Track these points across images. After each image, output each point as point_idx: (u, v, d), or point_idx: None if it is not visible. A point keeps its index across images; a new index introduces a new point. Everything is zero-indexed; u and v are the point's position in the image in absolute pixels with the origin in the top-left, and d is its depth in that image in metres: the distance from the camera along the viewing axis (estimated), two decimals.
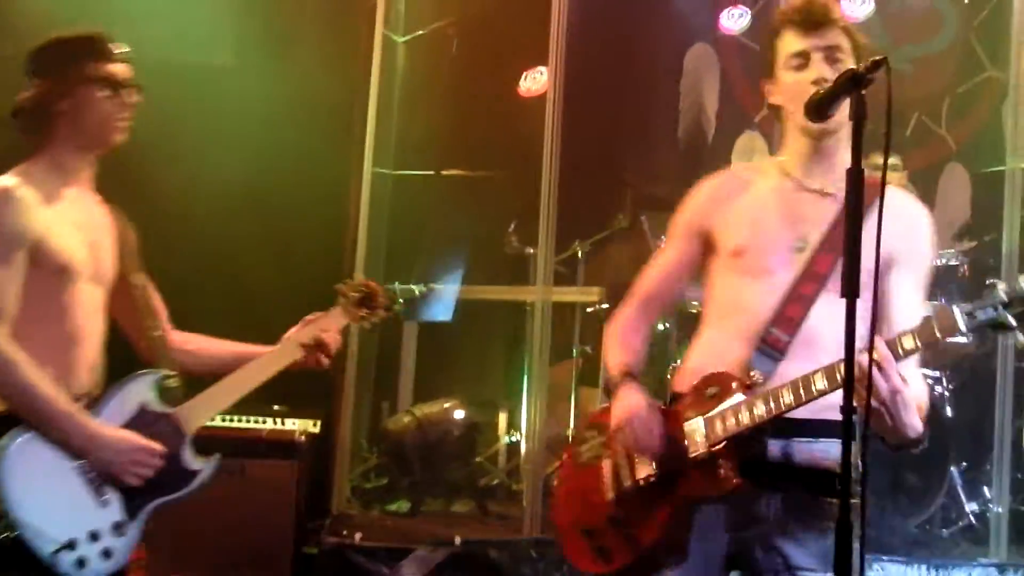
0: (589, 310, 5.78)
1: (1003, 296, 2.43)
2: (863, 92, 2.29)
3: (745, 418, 2.57)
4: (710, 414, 2.63)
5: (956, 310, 2.45)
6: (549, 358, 5.44)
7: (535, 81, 6.82)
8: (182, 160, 6.07)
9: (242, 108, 6.12)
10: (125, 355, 3.08)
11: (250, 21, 6.37)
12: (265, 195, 6.05)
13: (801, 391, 2.52)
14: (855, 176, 2.27)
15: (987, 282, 2.49)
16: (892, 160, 5.95)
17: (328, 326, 3.23)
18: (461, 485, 5.71)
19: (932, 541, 4.98)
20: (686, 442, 2.65)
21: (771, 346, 2.66)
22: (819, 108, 2.43)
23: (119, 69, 2.94)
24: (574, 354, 5.97)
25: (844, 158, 2.63)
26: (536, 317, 5.31)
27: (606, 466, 2.80)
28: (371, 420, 6.08)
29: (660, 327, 5.50)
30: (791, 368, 2.60)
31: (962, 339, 5.22)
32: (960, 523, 5.07)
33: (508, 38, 6.49)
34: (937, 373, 5.29)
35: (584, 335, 5.96)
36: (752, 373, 2.64)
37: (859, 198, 2.26)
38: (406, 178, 6.29)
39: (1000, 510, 4.81)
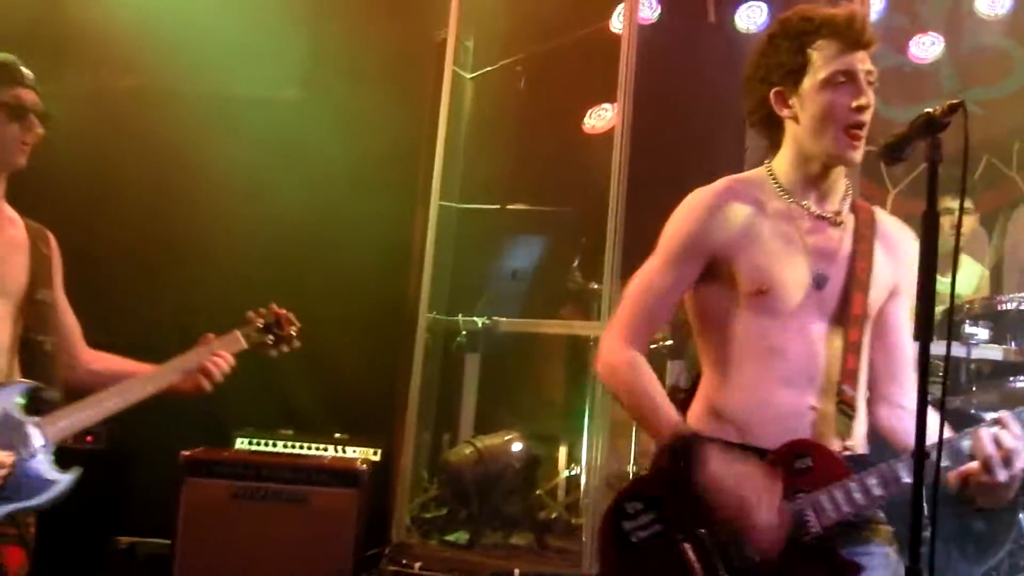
0: (653, 346, 5.76)
1: None
2: (939, 135, 2.25)
3: (861, 499, 2.43)
4: (819, 494, 2.43)
5: None
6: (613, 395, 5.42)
7: (600, 118, 6.86)
8: (250, 195, 6.18)
9: (309, 143, 6.23)
10: None
11: (320, 56, 6.50)
12: (332, 228, 6.14)
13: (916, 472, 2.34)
14: (930, 221, 2.22)
15: None
16: (966, 204, 5.96)
17: (220, 349, 3.21)
18: (520, 518, 5.71)
19: None
20: (800, 519, 2.43)
21: (847, 404, 2.55)
22: (893, 151, 2.35)
23: (27, 96, 3.03)
24: None
25: (840, 182, 2.68)
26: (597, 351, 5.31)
27: (689, 550, 2.45)
28: (431, 451, 6.10)
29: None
30: (860, 427, 2.57)
31: None
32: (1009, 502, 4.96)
33: (574, 75, 6.55)
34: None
35: None
36: (848, 443, 2.53)
37: (933, 246, 2.21)
38: (472, 212, 6.34)
39: None
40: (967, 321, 5.12)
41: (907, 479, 2.37)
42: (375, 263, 6.10)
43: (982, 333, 5.12)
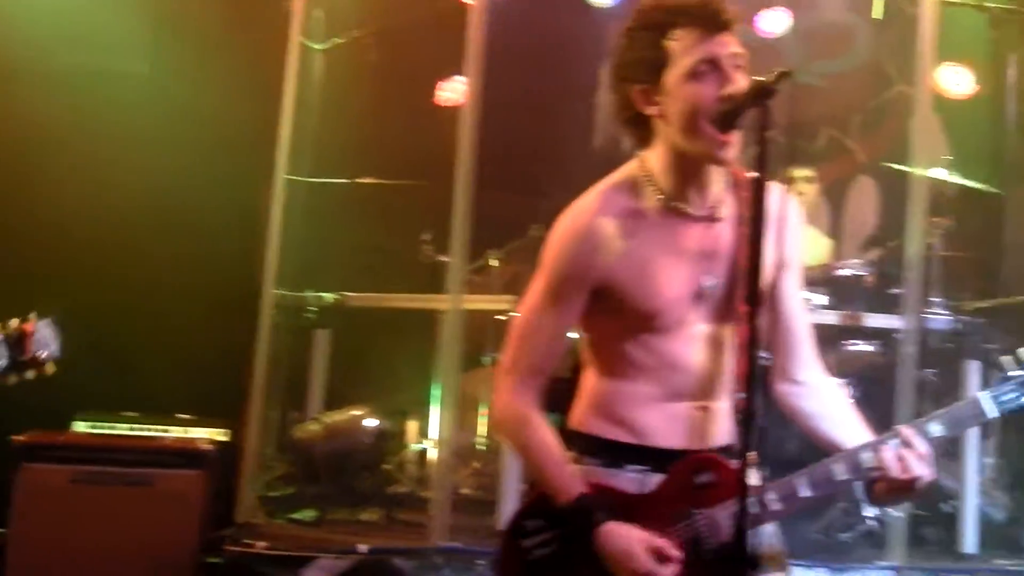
0: (501, 318, 5.77)
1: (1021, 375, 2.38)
2: (768, 104, 2.19)
3: (763, 516, 2.37)
4: (717, 510, 2.40)
5: (984, 399, 2.39)
6: (460, 367, 5.43)
7: (453, 91, 6.83)
8: (92, 166, 6.04)
9: (157, 116, 6.09)
10: None
11: (167, 27, 6.35)
12: (180, 203, 6.02)
13: (823, 483, 2.39)
14: (759, 187, 2.21)
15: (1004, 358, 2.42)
16: (806, 172, 6.11)
17: None
18: (369, 494, 5.68)
19: (833, 545, 5.03)
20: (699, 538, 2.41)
21: (740, 410, 2.40)
22: (725, 120, 2.33)
23: None
24: (485, 362, 5.96)
25: (714, 176, 2.53)
26: (448, 325, 5.31)
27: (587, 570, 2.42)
28: (280, 429, 6.02)
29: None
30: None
31: (867, 347, 5.38)
32: (859, 528, 5.13)
33: (426, 49, 6.50)
34: (841, 381, 5.36)
35: (496, 343, 5.95)
36: (749, 457, 2.37)
37: (762, 209, 2.20)
38: (322, 186, 6.26)
39: (898, 514, 4.87)
40: (806, 287, 5.25)
41: (805, 492, 2.38)
42: (224, 239, 5.99)
43: (819, 298, 5.27)
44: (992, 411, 2.37)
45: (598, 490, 2.49)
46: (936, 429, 2.37)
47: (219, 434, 5.42)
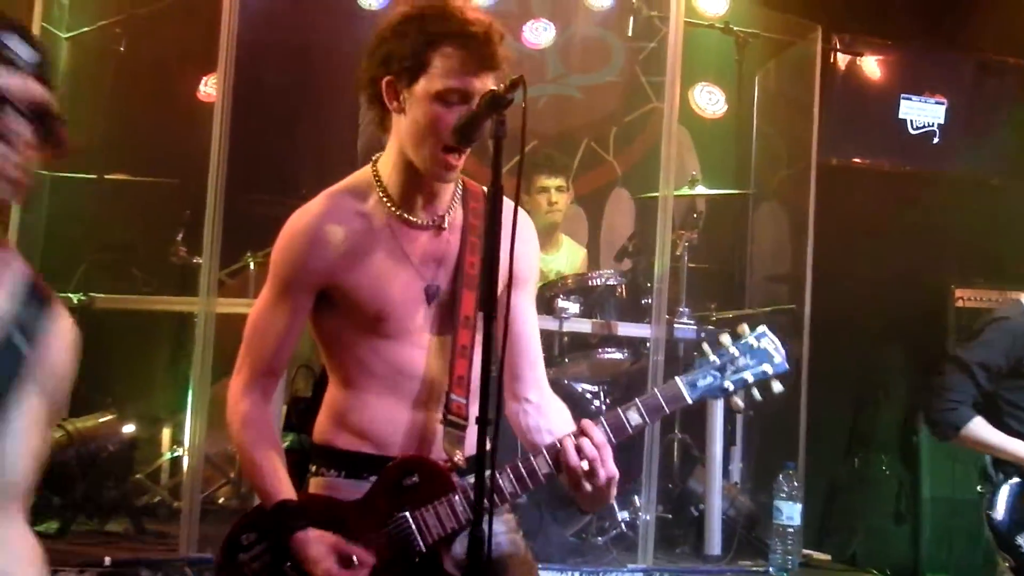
0: None
1: (716, 360, 2.49)
2: (503, 112, 2.24)
3: (464, 514, 2.42)
4: (424, 511, 2.44)
5: (680, 383, 2.48)
6: (218, 372, 5.26)
7: (214, 86, 6.62)
8: None
9: None
10: None
11: None
12: None
13: (527, 480, 2.43)
14: (494, 193, 2.26)
15: (703, 346, 2.53)
16: (558, 181, 6.24)
17: None
18: (118, 503, 5.42)
19: (587, 549, 5.15)
20: (405, 539, 2.44)
21: (455, 414, 2.52)
22: (464, 132, 2.37)
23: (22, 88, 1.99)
24: None
25: (444, 187, 2.58)
26: (200, 328, 5.13)
27: None
28: None
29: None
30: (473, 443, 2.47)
31: (618, 355, 5.53)
32: (613, 531, 5.28)
33: (180, 41, 6.28)
34: (596, 387, 5.50)
35: None
36: (457, 458, 2.49)
37: (498, 214, 2.24)
38: (67, 181, 5.94)
39: (648, 518, 5.04)
40: (560, 296, 5.37)
41: (508, 489, 2.44)
42: None
43: (573, 307, 5.38)
44: (693, 394, 2.49)
45: (317, 500, 2.51)
46: (635, 417, 2.46)
47: None
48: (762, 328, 2.57)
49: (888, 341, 6.00)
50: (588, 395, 5.45)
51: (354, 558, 2.39)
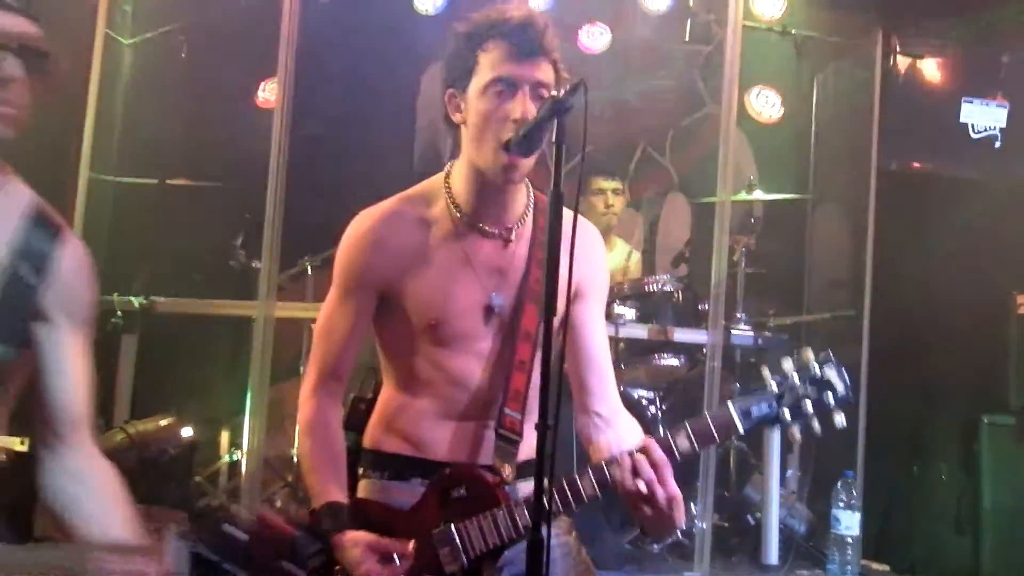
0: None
1: (774, 388, 2.35)
2: (563, 119, 2.17)
3: (508, 530, 2.37)
4: (467, 525, 2.41)
5: (733, 409, 2.34)
6: (275, 375, 5.32)
7: (272, 92, 6.68)
8: None
9: None
10: None
11: None
12: None
13: (570, 498, 2.34)
14: (556, 198, 2.19)
15: (762, 371, 2.39)
16: (614, 184, 6.23)
17: None
18: (178, 505, 5.48)
19: (643, 557, 5.13)
20: (439, 553, 2.41)
21: (509, 429, 2.49)
22: (525, 142, 2.33)
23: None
24: (300, 372, 5.85)
25: (520, 190, 2.57)
26: (258, 332, 5.19)
27: None
28: None
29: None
30: (529, 449, 2.41)
31: (675, 361, 5.50)
32: (669, 539, 5.26)
33: (240, 48, 6.35)
34: (652, 394, 5.49)
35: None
36: (506, 473, 2.46)
37: (558, 219, 2.17)
38: (130, 186, 6.04)
39: (704, 526, 5.02)
40: (616, 301, 5.36)
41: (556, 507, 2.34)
42: None
43: (629, 313, 5.37)
44: (746, 423, 2.35)
45: (366, 504, 2.52)
46: (685, 442, 2.34)
47: (15, 443, 5.13)
48: (826, 354, 2.42)
49: (948, 347, 5.91)
50: (644, 401, 5.44)
51: (394, 554, 2.39)
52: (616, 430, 2.59)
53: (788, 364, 2.39)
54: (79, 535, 2.05)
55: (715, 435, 2.34)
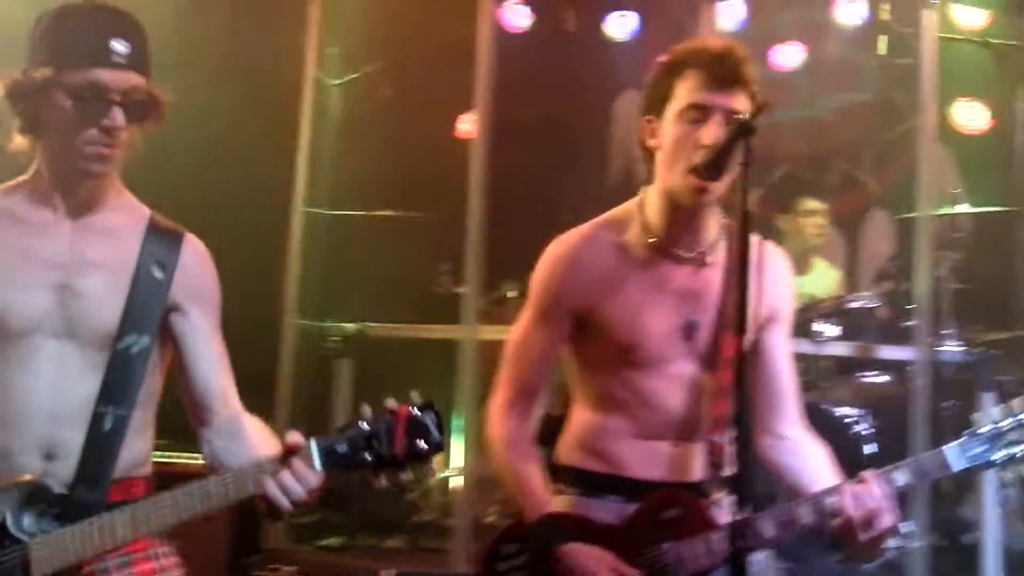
0: None
1: (986, 431, 2.36)
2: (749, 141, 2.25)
3: (720, 552, 2.37)
4: (681, 545, 2.45)
5: (951, 453, 2.35)
6: (482, 396, 5.47)
7: (471, 123, 6.91)
8: None
9: (177, 148, 6.13)
10: None
11: (189, 60, 6.41)
12: (198, 234, 6.04)
13: (785, 527, 2.37)
14: (743, 218, 2.26)
15: (972, 416, 2.40)
16: (817, 205, 6.19)
17: None
18: (394, 521, 5.73)
19: None
20: (662, 571, 2.45)
21: (714, 454, 2.53)
22: (711, 166, 2.37)
23: (113, 79, 2.27)
24: None
25: (708, 220, 2.59)
26: (464, 355, 5.38)
27: None
28: None
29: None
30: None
31: (880, 379, 5.41)
32: (882, 558, 5.17)
33: (439, 81, 6.59)
34: (858, 412, 5.41)
35: None
36: (716, 498, 2.52)
37: (746, 244, 2.24)
38: (340, 218, 6.35)
39: (920, 545, 4.91)
40: (817, 318, 5.32)
41: (769, 534, 2.38)
42: (244, 270, 5.97)
43: (831, 330, 5.32)
44: (959, 464, 2.36)
45: (574, 518, 2.57)
46: (901, 477, 2.36)
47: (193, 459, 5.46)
48: None
49: None
50: (847, 420, 5.35)
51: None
52: (801, 455, 2.62)
53: (996, 411, 2.40)
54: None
55: (931, 473, 2.39)
